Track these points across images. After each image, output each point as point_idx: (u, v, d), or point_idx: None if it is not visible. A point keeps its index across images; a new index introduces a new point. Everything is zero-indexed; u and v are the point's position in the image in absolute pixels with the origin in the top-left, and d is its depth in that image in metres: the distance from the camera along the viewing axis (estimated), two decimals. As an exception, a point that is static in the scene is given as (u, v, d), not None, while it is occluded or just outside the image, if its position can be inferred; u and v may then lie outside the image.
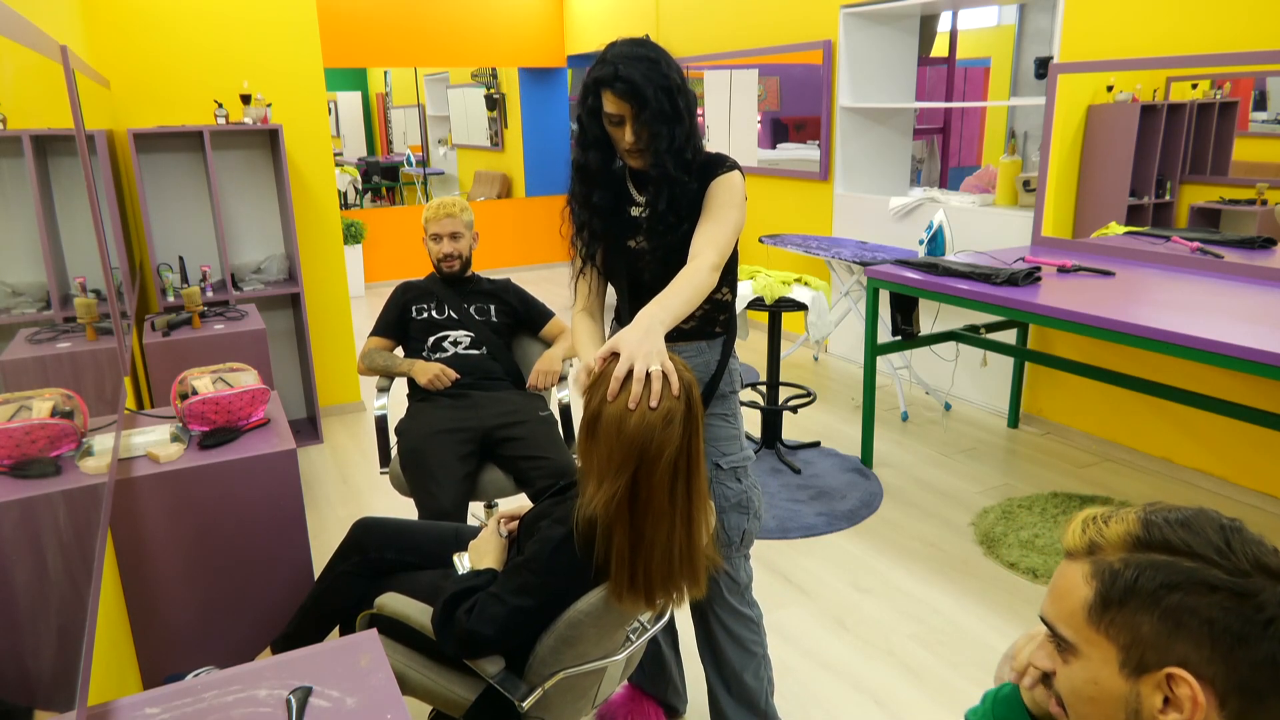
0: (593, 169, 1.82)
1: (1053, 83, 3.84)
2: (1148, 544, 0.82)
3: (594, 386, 1.48)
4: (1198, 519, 0.83)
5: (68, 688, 1.05)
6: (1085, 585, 0.84)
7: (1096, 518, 0.87)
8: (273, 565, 2.25)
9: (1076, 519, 0.89)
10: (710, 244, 1.70)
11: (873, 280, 3.62)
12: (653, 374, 1.42)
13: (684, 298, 1.59)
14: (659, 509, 1.46)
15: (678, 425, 1.44)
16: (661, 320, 1.52)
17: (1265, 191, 3.43)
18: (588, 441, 1.48)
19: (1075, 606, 0.85)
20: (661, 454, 1.43)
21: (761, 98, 5.83)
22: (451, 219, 2.81)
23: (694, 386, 1.50)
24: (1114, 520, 0.86)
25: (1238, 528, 0.83)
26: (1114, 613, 0.82)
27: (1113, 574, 0.83)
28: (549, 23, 8.14)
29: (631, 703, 2.23)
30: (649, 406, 1.41)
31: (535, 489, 2.49)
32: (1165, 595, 0.79)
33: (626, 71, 1.66)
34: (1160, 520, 0.83)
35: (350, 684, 1.29)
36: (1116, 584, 0.82)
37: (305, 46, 4.17)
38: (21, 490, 1.08)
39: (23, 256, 1.35)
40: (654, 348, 1.45)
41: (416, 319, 2.86)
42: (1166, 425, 3.67)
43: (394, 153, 11.07)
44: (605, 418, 1.44)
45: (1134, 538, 0.83)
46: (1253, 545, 0.81)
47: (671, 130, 1.71)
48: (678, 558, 1.51)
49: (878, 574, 2.97)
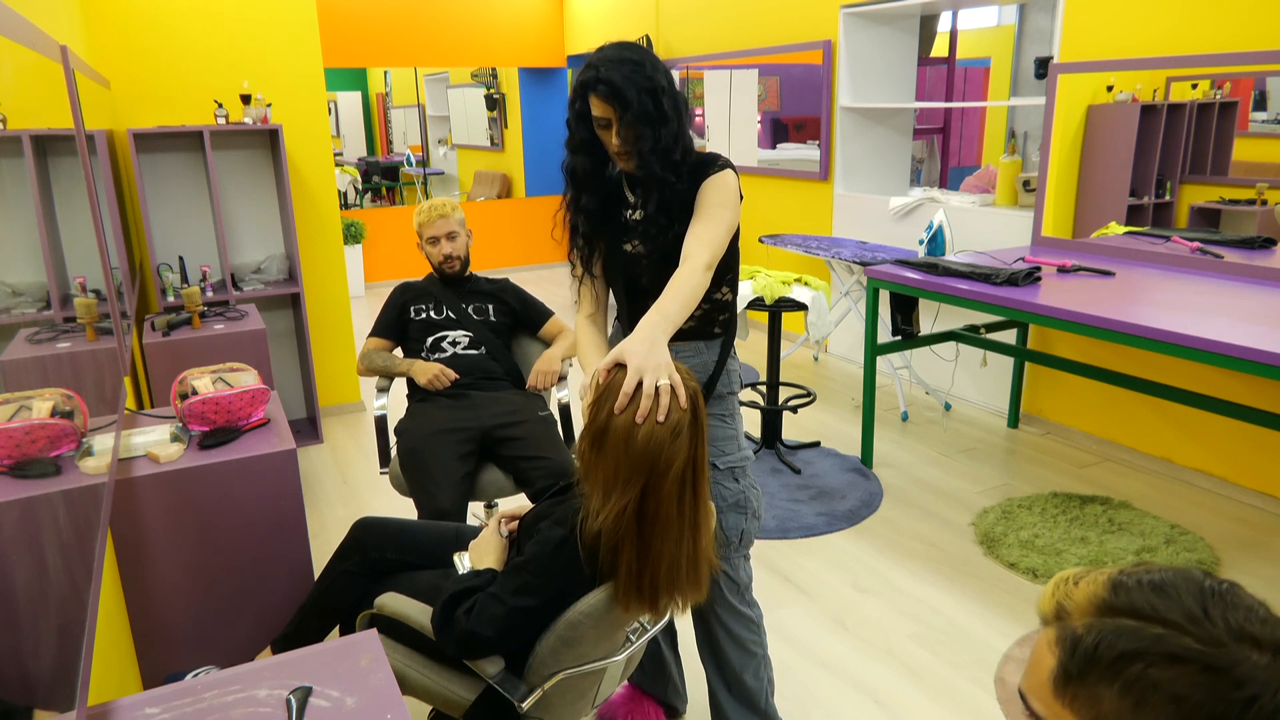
0: (580, 173, 1.83)
1: (1053, 83, 3.84)
2: (1114, 608, 0.73)
3: (600, 399, 1.47)
4: (1175, 580, 0.73)
5: (68, 688, 1.05)
6: (1049, 654, 0.76)
7: (1069, 579, 0.79)
8: (273, 565, 2.25)
9: (1050, 583, 0.81)
10: (702, 244, 1.70)
11: (873, 280, 3.62)
12: (662, 388, 1.42)
13: (680, 302, 1.59)
14: (667, 520, 1.46)
15: (685, 437, 1.44)
16: (663, 329, 1.52)
17: (1265, 191, 3.43)
18: (593, 454, 1.47)
19: (1043, 678, 0.76)
20: (671, 467, 1.43)
21: (761, 98, 5.83)
22: (445, 220, 2.81)
23: (699, 394, 1.50)
24: (1084, 581, 0.77)
25: (1223, 592, 0.72)
26: (1075, 686, 0.73)
27: (1074, 640, 0.74)
28: (549, 23, 8.14)
29: (631, 703, 2.23)
30: (657, 421, 1.41)
31: (535, 489, 2.49)
32: (1125, 666, 0.70)
33: (608, 74, 1.67)
34: (1131, 582, 0.74)
35: (350, 684, 1.29)
36: (1076, 652, 0.73)
37: (305, 46, 4.17)
38: (21, 490, 1.08)
39: (23, 256, 1.35)
40: (661, 360, 1.45)
41: (415, 319, 2.86)
42: (1166, 425, 3.67)
43: (394, 153, 11.06)
44: (613, 431, 1.43)
45: (1101, 600, 0.74)
46: (1238, 611, 0.70)
47: (656, 132, 1.71)
48: (685, 565, 1.51)
49: (878, 574, 2.97)
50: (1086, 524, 3.20)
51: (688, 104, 1.82)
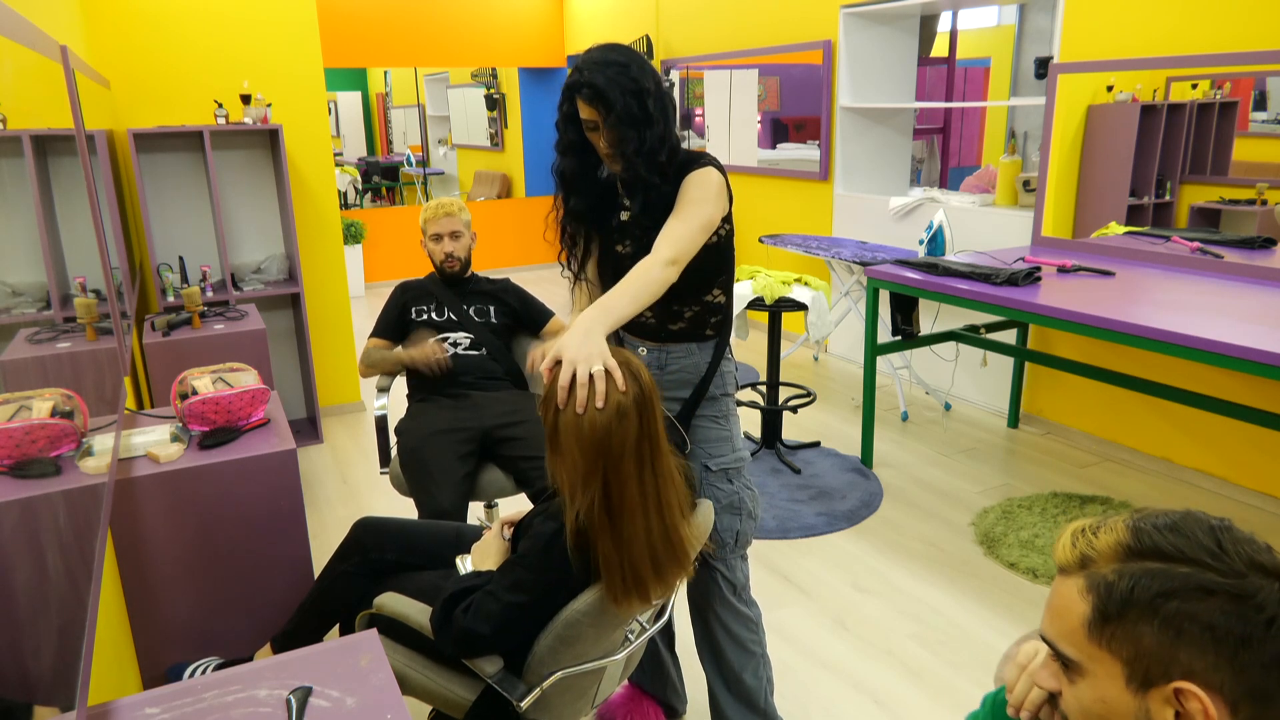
0: (570, 175, 1.84)
1: (1053, 83, 3.84)
2: (1139, 552, 0.81)
3: (545, 401, 1.48)
4: (1186, 522, 0.81)
5: (68, 687, 1.05)
6: (1082, 600, 0.83)
7: (1085, 529, 0.86)
8: (273, 565, 2.25)
9: (1065, 532, 0.87)
10: (668, 240, 1.69)
11: (873, 280, 3.62)
12: (596, 374, 1.43)
13: (629, 295, 1.59)
14: (632, 503, 1.48)
15: (632, 415, 1.45)
16: (601, 322, 1.52)
17: (1265, 191, 3.43)
18: (554, 457, 1.50)
19: (1075, 623, 0.83)
20: (624, 448, 1.45)
21: (761, 98, 5.83)
22: (451, 218, 2.82)
23: (642, 370, 1.51)
24: (1103, 530, 0.84)
25: (1227, 526, 0.81)
26: (1113, 626, 0.80)
27: (1107, 586, 0.81)
28: (549, 23, 8.14)
29: (631, 703, 2.23)
30: (596, 407, 1.42)
31: (535, 489, 2.49)
32: (1162, 604, 0.78)
33: (593, 77, 1.68)
34: (1149, 526, 0.82)
35: (350, 684, 1.29)
36: (1112, 596, 0.80)
37: (305, 46, 4.17)
38: (21, 490, 1.08)
39: (23, 256, 1.35)
40: (594, 350, 1.45)
41: (416, 320, 2.86)
42: (1166, 425, 3.67)
43: (394, 153, 11.06)
44: (563, 429, 1.45)
45: (1125, 547, 0.82)
46: (1245, 544, 0.79)
47: (641, 134, 1.71)
48: (660, 544, 1.52)
49: (878, 574, 2.97)
50: (1086, 524, 3.20)
51: (675, 105, 1.83)
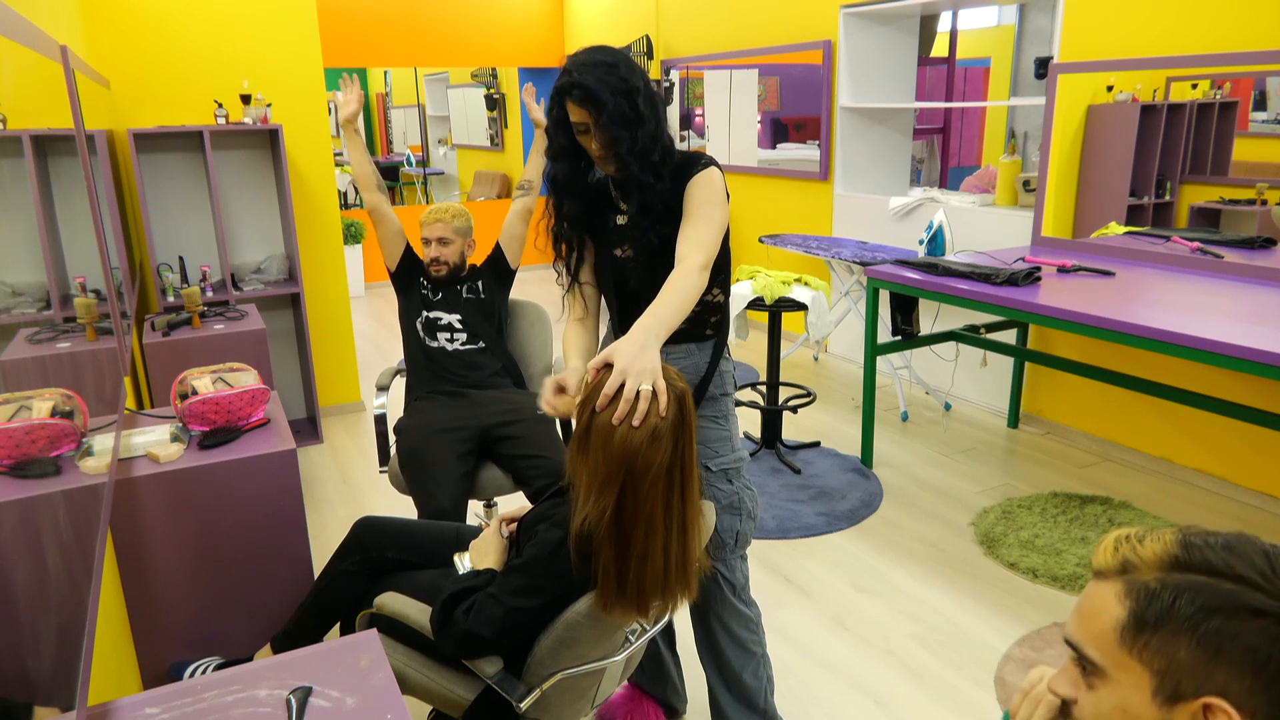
0: (562, 179, 1.83)
1: (1053, 83, 3.84)
2: (1186, 565, 0.78)
3: (586, 400, 1.48)
4: (1239, 541, 0.79)
5: (68, 687, 1.05)
6: (1118, 605, 0.80)
7: (1130, 536, 0.83)
8: (273, 565, 2.25)
9: (1108, 538, 0.85)
10: (694, 245, 1.69)
11: (873, 280, 3.62)
12: (643, 393, 1.41)
13: (676, 304, 1.58)
14: (652, 522, 1.47)
15: (666, 440, 1.44)
16: (656, 333, 1.51)
17: (1265, 191, 3.43)
18: (579, 455, 1.49)
19: (1106, 627, 0.81)
20: (649, 470, 1.43)
21: (761, 98, 5.83)
22: (441, 224, 2.81)
23: (687, 395, 1.50)
24: (1149, 539, 0.82)
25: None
26: (1149, 635, 0.78)
27: (1149, 594, 0.78)
28: (549, 23, 8.14)
29: (631, 703, 2.23)
30: (633, 425, 1.41)
31: (533, 488, 2.49)
32: (1205, 620, 0.75)
33: (581, 78, 1.67)
34: (1200, 541, 0.79)
35: (350, 684, 1.29)
36: (1153, 605, 0.78)
37: (305, 46, 4.17)
38: (21, 490, 1.08)
39: (23, 256, 1.35)
40: (648, 365, 1.44)
41: (421, 282, 2.87)
42: (1166, 425, 3.67)
43: (394, 153, 11.07)
44: (595, 431, 1.44)
45: (1172, 557, 0.79)
46: None
47: (633, 133, 1.70)
48: (674, 567, 1.51)
49: (878, 574, 2.97)
50: (1086, 524, 3.20)
51: (666, 104, 1.82)
